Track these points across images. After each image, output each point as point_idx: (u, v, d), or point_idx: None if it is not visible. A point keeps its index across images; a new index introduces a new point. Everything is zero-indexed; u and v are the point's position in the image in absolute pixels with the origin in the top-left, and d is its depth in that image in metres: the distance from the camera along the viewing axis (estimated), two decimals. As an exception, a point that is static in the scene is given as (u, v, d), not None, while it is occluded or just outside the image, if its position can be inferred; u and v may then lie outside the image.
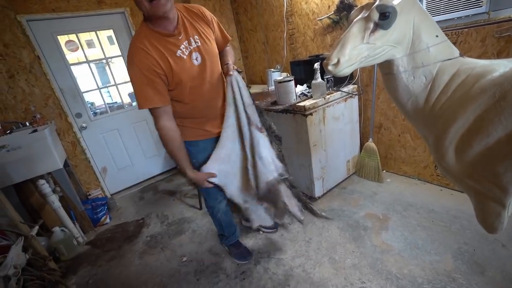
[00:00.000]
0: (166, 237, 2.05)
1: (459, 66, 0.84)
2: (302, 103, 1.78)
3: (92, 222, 2.34)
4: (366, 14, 0.84)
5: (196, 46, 1.16)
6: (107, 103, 2.84)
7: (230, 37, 1.37)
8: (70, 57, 2.51)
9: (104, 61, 2.75)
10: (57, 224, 2.02)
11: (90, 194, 2.67)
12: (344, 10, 1.97)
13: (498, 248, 1.38)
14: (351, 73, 0.94)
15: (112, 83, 2.82)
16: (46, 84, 2.34)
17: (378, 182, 2.14)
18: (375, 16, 0.81)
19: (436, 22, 0.89)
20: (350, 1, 1.91)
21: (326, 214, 1.90)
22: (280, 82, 1.82)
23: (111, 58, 2.77)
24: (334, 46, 0.86)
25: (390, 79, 0.92)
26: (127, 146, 2.92)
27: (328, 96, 1.87)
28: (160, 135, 1.18)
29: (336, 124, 2.00)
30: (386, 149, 2.20)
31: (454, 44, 0.89)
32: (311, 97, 1.87)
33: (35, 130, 2.07)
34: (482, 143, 0.74)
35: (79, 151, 2.60)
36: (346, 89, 2.00)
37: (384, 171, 2.26)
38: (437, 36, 0.86)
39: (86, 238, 2.23)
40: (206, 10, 1.23)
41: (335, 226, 1.77)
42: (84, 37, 2.62)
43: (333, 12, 2.05)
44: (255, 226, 1.52)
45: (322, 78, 1.85)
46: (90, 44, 2.86)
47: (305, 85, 2.12)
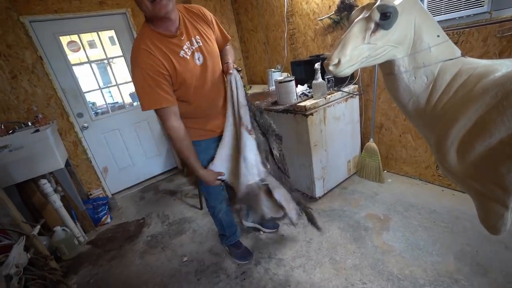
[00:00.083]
0: (166, 237, 2.05)
1: (461, 66, 0.83)
2: (302, 103, 1.78)
3: (93, 221, 2.35)
4: (367, 15, 0.84)
5: (197, 46, 1.16)
6: (108, 103, 2.85)
7: (231, 37, 1.37)
8: (72, 57, 2.53)
9: (105, 61, 2.76)
10: (58, 223, 2.03)
11: (91, 194, 2.68)
12: (344, 10, 1.97)
13: (501, 249, 1.37)
14: (352, 73, 0.94)
15: (113, 83, 2.83)
16: (48, 84, 2.35)
17: (379, 183, 2.13)
18: (376, 16, 0.81)
19: (437, 22, 0.89)
20: (351, 1, 1.90)
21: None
22: (280, 82, 1.82)
23: (113, 58, 2.78)
24: (335, 46, 0.86)
25: (391, 80, 0.92)
26: (128, 146, 2.93)
27: (328, 96, 1.87)
28: (170, 136, 1.19)
29: (337, 124, 1.99)
30: (387, 149, 2.20)
31: (455, 44, 0.89)
32: (312, 97, 1.87)
33: (37, 130, 2.08)
34: (485, 144, 0.73)
35: (81, 151, 2.61)
36: (347, 89, 2.00)
37: (385, 171, 2.25)
38: (438, 36, 0.85)
39: (87, 237, 2.24)
40: (206, 10, 1.24)
41: (336, 227, 1.77)
42: (86, 37, 2.63)
43: (333, 12, 2.05)
44: (268, 217, 1.48)
45: (323, 78, 1.85)
46: (91, 44, 2.87)
47: (305, 85, 2.12)
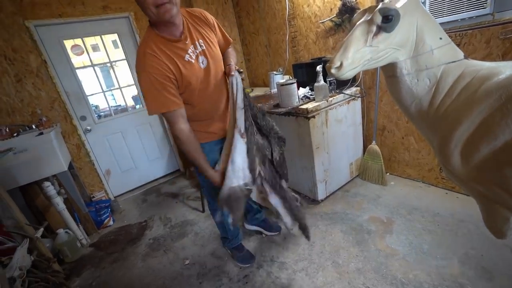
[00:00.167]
0: (169, 239, 2.05)
1: (464, 69, 0.83)
2: (304, 106, 1.78)
3: (95, 224, 2.36)
4: (369, 17, 0.84)
5: (201, 50, 1.18)
6: (111, 106, 2.87)
7: (232, 40, 1.38)
8: (76, 61, 2.55)
9: (108, 64, 2.78)
10: (61, 226, 2.04)
11: (94, 197, 2.69)
12: (346, 12, 1.97)
13: (507, 253, 1.35)
14: (354, 75, 0.94)
15: (116, 86, 2.86)
16: (52, 87, 2.38)
17: (381, 185, 2.12)
18: (378, 19, 0.81)
19: (439, 24, 0.89)
20: (352, 3, 1.91)
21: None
22: (282, 84, 1.83)
23: (116, 61, 2.81)
24: (337, 49, 0.86)
25: (394, 82, 0.92)
26: (131, 149, 2.94)
27: (330, 98, 1.87)
28: (178, 139, 1.18)
29: (339, 126, 1.99)
30: (389, 151, 2.19)
31: (458, 45, 0.89)
32: (314, 99, 1.87)
33: (41, 133, 2.10)
34: (489, 146, 0.73)
35: (84, 154, 2.63)
36: (348, 91, 2.00)
37: (387, 174, 2.24)
38: (440, 38, 0.85)
39: (90, 240, 2.25)
40: (208, 14, 1.25)
41: (338, 230, 1.76)
42: (89, 41, 2.66)
43: (335, 14, 2.05)
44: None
45: (325, 81, 1.85)
46: (95, 48, 2.90)
47: (307, 87, 2.12)
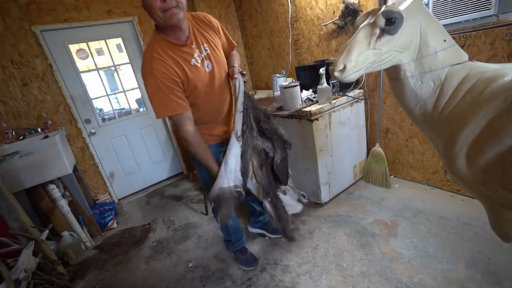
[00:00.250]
0: (172, 242, 2.05)
1: (469, 71, 0.82)
2: (308, 108, 1.78)
3: (99, 226, 2.37)
4: (372, 20, 0.84)
5: (206, 54, 1.19)
6: (115, 109, 2.90)
7: (235, 43, 1.40)
8: (80, 64, 2.58)
9: (112, 68, 2.81)
10: (65, 228, 2.05)
11: (98, 199, 2.71)
12: (349, 15, 1.98)
13: (513, 257, 1.34)
14: (357, 78, 0.94)
15: (120, 90, 2.88)
16: (58, 91, 2.41)
17: (385, 188, 2.10)
18: (381, 22, 0.81)
19: (443, 26, 0.88)
20: (355, 6, 1.91)
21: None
22: (285, 87, 1.83)
23: (120, 65, 2.83)
24: (340, 52, 0.86)
25: (397, 85, 0.91)
26: (134, 152, 2.96)
27: (334, 101, 1.87)
28: (186, 141, 1.19)
29: (342, 129, 1.98)
30: (393, 154, 2.17)
31: (462, 47, 0.88)
32: (317, 102, 1.87)
33: (46, 136, 2.12)
34: (495, 149, 0.72)
35: (88, 157, 2.65)
36: (352, 94, 1.99)
37: (391, 176, 2.22)
38: (444, 40, 0.85)
39: (94, 242, 2.26)
40: (212, 17, 1.26)
41: (342, 232, 1.75)
42: (94, 45, 2.69)
43: (338, 17, 2.06)
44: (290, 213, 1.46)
45: (328, 83, 1.85)
46: (99, 52, 2.94)
47: (310, 90, 2.12)
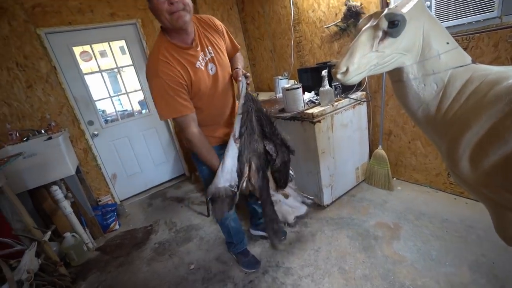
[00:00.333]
0: (174, 244, 2.05)
1: (472, 73, 0.82)
2: (310, 111, 1.78)
3: (101, 228, 2.37)
4: (375, 23, 0.84)
5: (210, 57, 1.20)
6: (118, 111, 2.91)
7: (239, 45, 1.41)
8: (84, 66, 2.61)
9: (115, 70, 2.83)
10: (68, 229, 2.06)
11: (100, 200, 2.72)
12: (351, 17, 1.98)
13: (518, 260, 1.32)
14: (360, 80, 0.94)
15: (123, 92, 2.90)
16: (61, 93, 2.43)
17: (388, 190, 2.09)
18: (384, 24, 0.81)
19: (446, 28, 0.88)
20: (357, 8, 1.92)
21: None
22: (288, 89, 1.83)
23: (123, 67, 2.85)
24: (343, 54, 0.86)
25: (400, 87, 0.91)
26: (137, 153, 2.97)
27: (336, 103, 1.87)
28: (191, 142, 1.20)
29: (344, 131, 1.98)
30: (396, 156, 2.16)
31: (465, 49, 0.88)
32: (319, 104, 1.87)
33: (50, 138, 2.14)
34: (499, 152, 0.71)
35: (91, 158, 2.66)
36: (354, 96, 1.99)
37: (394, 179, 2.21)
38: (447, 43, 0.85)
39: (96, 244, 2.26)
40: (217, 20, 1.27)
41: (345, 235, 1.74)
42: (97, 47, 2.71)
43: (340, 19, 2.06)
44: (290, 220, 1.46)
45: (330, 85, 1.85)
46: (103, 54, 2.97)
47: (313, 92, 2.12)
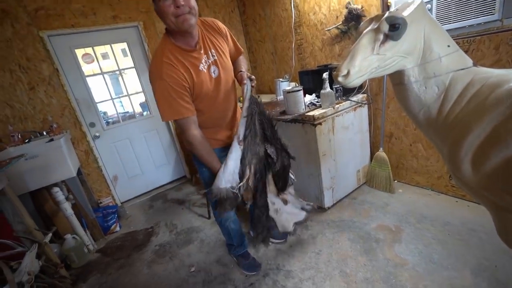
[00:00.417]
0: (174, 246, 2.05)
1: (473, 76, 0.82)
2: (311, 113, 1.78)
3: (102, 230, 2.37)
4: (375, 26, 0.84)
5: (213, 59, 1.21)
6: (119, 113, 2.92)
7: (242, 49, 1.42)
8: (86, 69, 2.62)
9: (117, 72, 2.85)
10: (68, 231, 2.06)
11: (101, 202, 2.72)
12: (352, 20, 1.99)
13: (521, 264, 1.31)
14: (361, 83, 0.94)
15: (124, 94, 2.91)
16: (63, 95, 2.44)
17: (389, 193, 2.09)
18: (385, 27, 0.82)
19: (447, 30, 0.89)
20: (358, 11, 1.93)
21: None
22: (289, 92, 1.83)
23: (124, 69, 2.87)
24: (344, 57, 0.86)
25: (401, 90, 0.91)
26: (138, 155, 2.97)
27: (337, 105, 1.87)
28: (192, 144, 1.21)
29: (345, 133, 1.98)
30: (397, 158, 2.16)
31: (466, 52, 0.88)
32: (320, 106, 1.87)
33: (52, 139, 2.15)
34: (501, 155, 0.71)
35: (92, 160, 2.67)
36: (355, 98, 1.99)
37: (395, 181, 2.21)
38: (448, 46, 0.85)
39: (97, 246, 2.26)
40: (220, 23, 1.29)
41: (346, 238, 1.73)
42: (99, 50, 2.73)
43: (341, 22, 2.07)
44: (289, 228, 1.47)
45: (331, 88, 1.85)
46: (104, 56, 2.98)
47: (314, 94, 2.13)
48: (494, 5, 1.37)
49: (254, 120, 1.24)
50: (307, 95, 2.11)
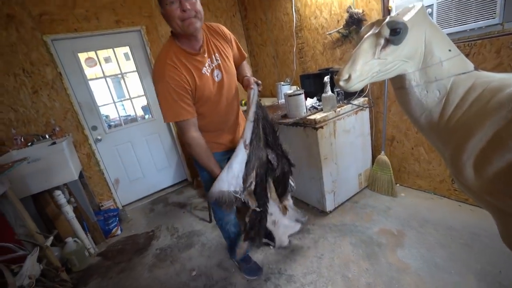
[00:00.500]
0: (175, 250, 2.04)
1: (475, 80, 0.82)
2: (312, 116, 1.78)
3: (103, 233, 2.37)
4: (376, 30, 0.85)
5: (217, 63, 1.23)
6: (121, 116, 2.94)
7: (246, 54, 1.43)
8: (89, 72, 2.64)
9: (119, 76, 2.87)
10: (70, 234, 2.06)
11: (102, 205, 2.72)
12: (353, 24, 2.00)
13: (525, 269, 1.30)
14: (362, 87, 0.94)
15: (126, 97, 2.93)
16: (66, 98, 2.46)
17: (391, 196, 2.08)
18: (386, 32, 0.82)
19: (447, 34, 0.89)
20: (359, 15, 1.94)
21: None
22: (290, 95, 1.84)
23: (127, 73, 2.89)
24: (345, 62, 0.87)
25: (403, 94, 0.92)
26: (139, 158, 2.98)
27: (338, 109, 1.87)
28: (190, 146, 1.22)
29: (347, 137, 1.98)
30: (399, 162, 2.15)
31: (467, 55, 0.89)
32: (322, 110, 1.88)
33: (54, 143, 2.16)
34: (503, 159, 0.71)
35: (94, 163, 2.68)
36: (356, 101, 2.00)
37: (397, 185, 2.20)
38: (450, 50, 0.85)
39: (97, 249, 2.25)
40: (225, 29, 1.31)
41: (348, 242, 1.72)
42: (102, 53, 2.75)
43: (342, 26, 2.08)
44: (285, 242, 1.47)
45: (332, 91, 1.85)
46: (107, 59, 3.00)
47: (315, 98, 2.13)
48: (495, 9, 1.38)
49: (258, 124, 1.24)
50: (309, 99, 2.11)
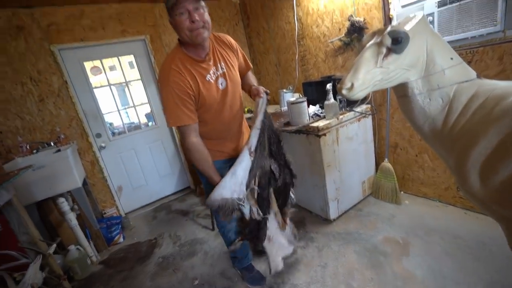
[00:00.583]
0: (178, 258, 2.02)
1: (477, 88, 0.83)
2: (315, 124, 1.79)
3: (106, 241, 2.36)
4: (378, 40, 0.86)
5: (222, 72, 1.25)
6: (125, 123, 2.97)
7: (251, 65, 1.46)
8: (94, 80, 2.69)
9: (124, 84, 2.91)
10: (72, 242, 2.05)
11: (105, 213, 2.72)
12: (354, 32, 2.02)
13: (535, 279, 1.26)
14: (365, 95, 0.94)
15: (130, 105, 2.97)
16: (71, 106, 2.49)
17: (396, 204, 2.05)
18: (388, 41, 0.83)
19: (449, 42, 0.90)
20: (361, 23, 1.96)
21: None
22: (293, 103, 1.85)
23: (131, 81, 2.94)
24: (348, 70, 0.88)
25: (406, 102, 0.92)
26: (143, 166, 2.99)
27: (341, 116, 1.87)
28: (189, 151, 1.23)
29: (350, 144, 1.97)
30: (403, 169, 2.13)
31: (469, 63, 0.89)
32: (324, 117, 1.88)
33: (59, 150, 2.18)
34: (509, 168, 0.70)
35: (97, 170, 2.69)
36: (359, 109, 2.00)
37: (401, 193, 2.17)
38: (451, 58, 0.86)
39: (100, 257, 2.24)
40: (232, 39, 1.34)
41: (352, 250, 1.69)
42: (107, 62, 2.80)
43: (344, 34, 2.11)
44: (280, 266, 1.45)
45: (335, 99, 1.86)
46: (112, 68, 3.06)
47: (317, 105, 2.14)
48: (496, 17, 1.39)
49: (264, 133, 1.25)
50: (311, 106, 2.12)
